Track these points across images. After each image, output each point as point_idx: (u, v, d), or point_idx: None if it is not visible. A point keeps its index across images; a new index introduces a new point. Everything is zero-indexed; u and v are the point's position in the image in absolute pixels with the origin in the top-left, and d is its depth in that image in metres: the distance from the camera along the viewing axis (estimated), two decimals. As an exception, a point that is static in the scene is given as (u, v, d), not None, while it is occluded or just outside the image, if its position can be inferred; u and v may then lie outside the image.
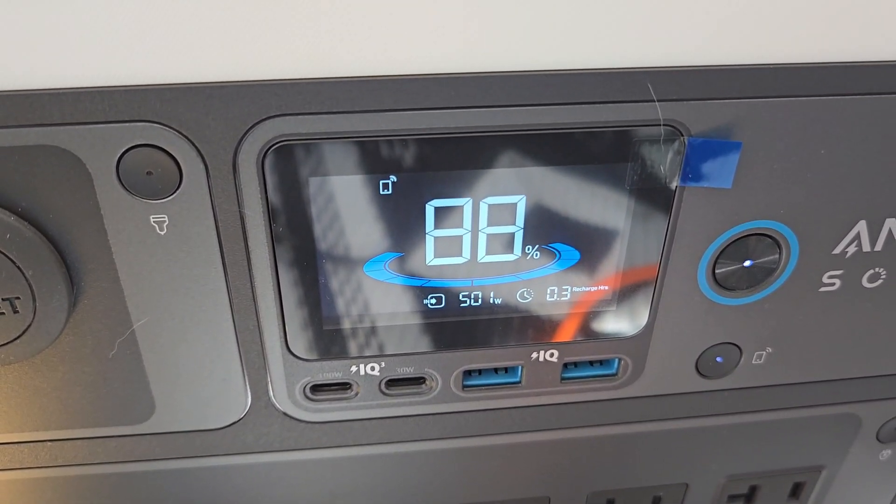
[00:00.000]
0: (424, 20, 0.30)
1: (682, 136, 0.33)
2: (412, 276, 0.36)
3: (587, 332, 0.39)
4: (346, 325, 0.37)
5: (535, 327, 0.39)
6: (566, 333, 0.39)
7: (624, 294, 0.38)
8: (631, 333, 0.39)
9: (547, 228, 0.36)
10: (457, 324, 0.38)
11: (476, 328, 0.38)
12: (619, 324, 0.39)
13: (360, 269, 0.36)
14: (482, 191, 0.34)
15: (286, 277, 0.35)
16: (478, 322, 0.38)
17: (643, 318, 0.39)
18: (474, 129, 0.32)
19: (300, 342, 0.37)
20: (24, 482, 0.41)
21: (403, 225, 0.35)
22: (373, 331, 0.38)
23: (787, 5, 0.31)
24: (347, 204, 0.34)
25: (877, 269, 0.39)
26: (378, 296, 0.37)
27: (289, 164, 0.32)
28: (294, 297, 0.36)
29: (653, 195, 0.35)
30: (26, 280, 0.33)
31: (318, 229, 0.34)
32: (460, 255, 0.36)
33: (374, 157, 0.32)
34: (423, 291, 0.37)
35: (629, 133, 0.33)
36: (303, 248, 0.34)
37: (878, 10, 0.32)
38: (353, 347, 0.38)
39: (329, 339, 0.37)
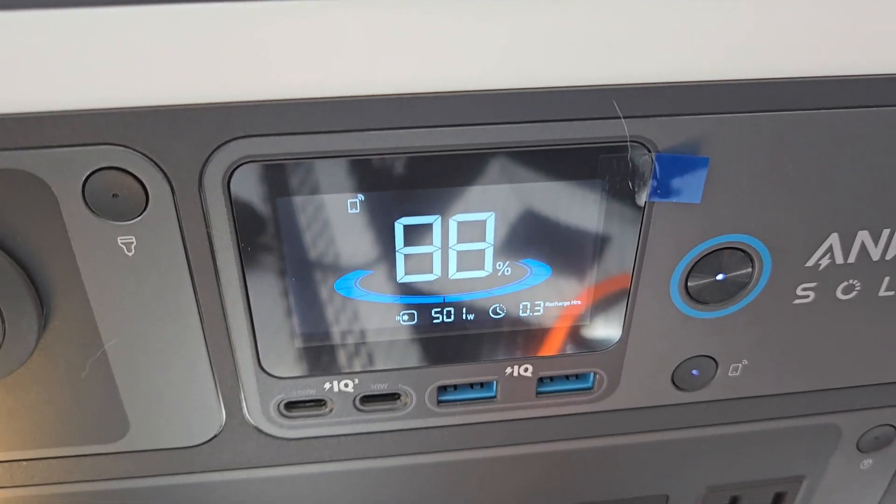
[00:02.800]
0: (389, 40, 0.30)
1: (650, 152, 0.33)
2: (383, 293, 0.36)
3: (561, 347, 0.39)
4: (319, 342, 0.37)
5: (508, 342, 0.39)
6: (540, 348, 0.39)
7: (597, 308, 0.38)
8: (605, 348, 0.39)
9: (517, 245, 0.36)
10: (430, 340, 0.38)
11: (449, 344, 0.38)
12: (593, 338, 0.39)
13: (331, 287, 0.36)
14: (451, 208, 0.34)
15: (256, 296, 0.35)
16: (451, 338, 0.38)
17: (617, 333, 0.39)
18: (441, 148, 0.32)
19: (273, 360, 0.37)
20: None
21: (373, 243, 0.35)
22: (345, 348, 0.38)
23: (751, 22, 0.31)
24: (316, 223, 0.34)
25: (851, 282, 0.39)
26: (350, 313, 0.37)
27: (255, 184, 0.32)
28: (265, 316, 0.36)
29: (623, 211, 0.35)
30: (-6, 303, 0.33)
31: (287, 248, 0.34)
32: (431, 271, 0.36)
33: (340, 176, 0.32)
34: (394, 308, 0.37)
35: (597, 150, 0.33)
36: (272, 268, 0.34)
37: (845, 27, 0.32)
38: (325, 364, 0.38)
39: (301, 356, 0.37)
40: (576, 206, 0.35)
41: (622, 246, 0.36)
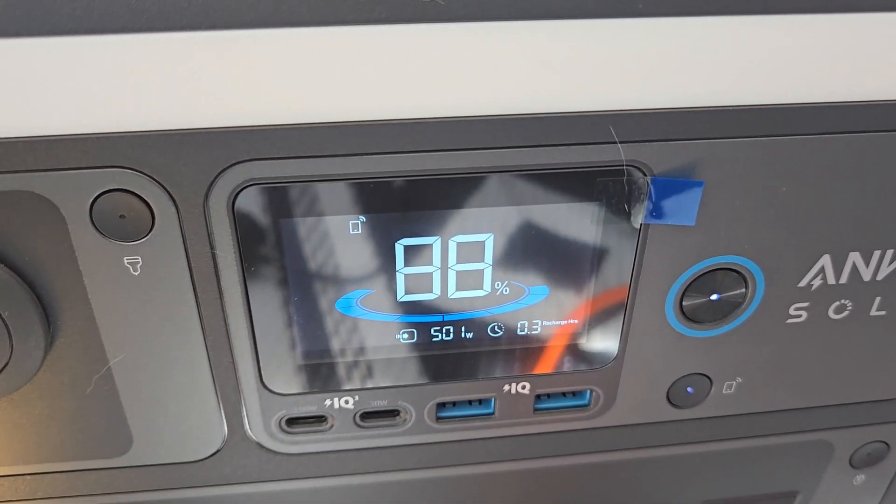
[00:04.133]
0: (390, 67, 0.31)
1: (646, 175, 0.34)
2: (384, 311, 0.37)
3: (558, 365, 0.40)
4: (320, 359, 0.38)
5: (506, 360, 0.39)
6: (538, 366, 0.40)
7: (593, 327, 0.39)
8: (602, 365, 0.40)
9: (516, 265, 0.36)
10: (429, 358, 0.39)
11: (448, 362, 0.39)
12: (589, 356, 0.40)
13: (332, 306, 0.36)
14: (451, 230, 0.35)
15: (259, 315, 0.36)
16: (450, 356, 0.39)
17: (613, 351, 0.40)
18: (442, 172, 0.33)
19: (274, 377, 0.38)
20: (4, 515, 0.42)
21: (374, 263, 0.35)
22: (346, 365, 0.38)
23: (745, 49, 0.32)
24: (318, 244, 0.34)
25: (842, 301, 0.40)
26: (350, 331, 0.37)
27: (259, 206, 0.33)
28: (267, 334, 0.36)
29: (619, 232, 0.36)
30: (2, 320, 0.33)
31: (289, 268, 0.35)
32: (431, 291, 0.37)
33: (342, 198, 0.33)
34: (395, 327, 0.37)
35: (594, 174, 0.34)
36: (275, 287, 0.35)
37: (837, 54, 0.32)
38: (326, 381, 0.39)
39: (303, 373, 0.38)
40: (573, 228, 0.35)
41: (618, 266, 0.37)
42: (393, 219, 0.34)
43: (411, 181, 0.33)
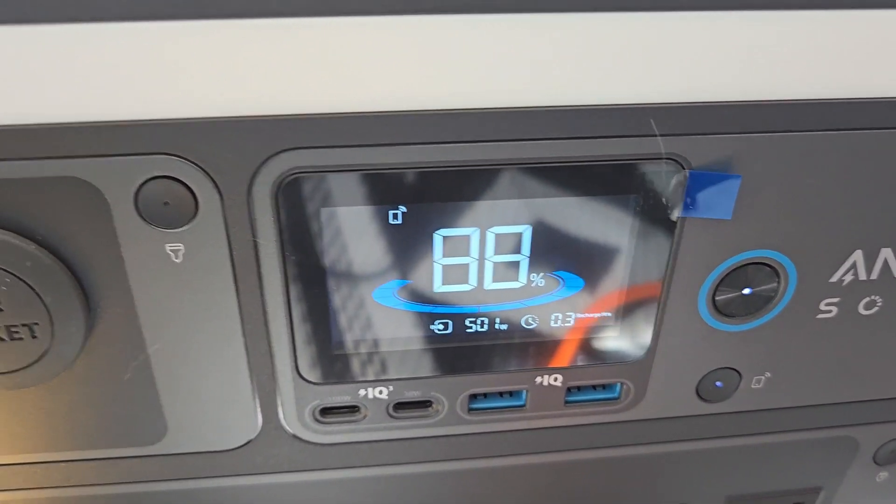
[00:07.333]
0: (435, 58, 0.31)
1: (684, 169, 0.34)
2: (420, 302, 0.37)
3: (590, 358, 0.40)
4: (356, 349, 0.38)
5: (539, 352, 0.39)
6: (570, 358, 0.40)
7: (626, 320, 0.39)
8: (633, 359, 0.40)
9: (552, 257, 0.37)
10: (463, 349, 0.39)
11: (482, 353, 0.39)
12: (621, 349, 0.40)
13: (369, 296, 0.37)
14: (489, 221, 0.35)
15: (297, 304, 0.36)
16: (484, 347, 0.39)
17: (645, 344, 0.40)
18: (483, 163, 0.33)
19: (310, 366, 0.38)
20: (37, 502, 0.42)
21: (412, 253, 0.36)
22: (381, 355, 0.39)
23: (784, 45, 0.32)
24: (358, 233, 0.35)
25: (873, 297, 0.40)
26: (386, 322, 0.38)
27: (302, 194, 0.33)
28: (305, 323, 0.37)
29: (655, 225, 0.36)
30: (45, 306, 0.34)
31: (329, 257, 0.35)
32: (467, 282, 0.37)
33: (384, 188, 0.33)
34: (430, 317, 0.38)
35: (632, 166, 0.34)
36: (314, 276, 0.35)
37: (873, 49, 0.33)
38: (361, 372, 0.39)
39: (338, 363, 0.38)
40: (609, 220, 0.36)
41: (653, 259, 0.37)
42: (433, 209, 0.34)
43: (453, 171, 0.33)
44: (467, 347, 0.39)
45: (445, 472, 0.44)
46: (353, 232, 0.35)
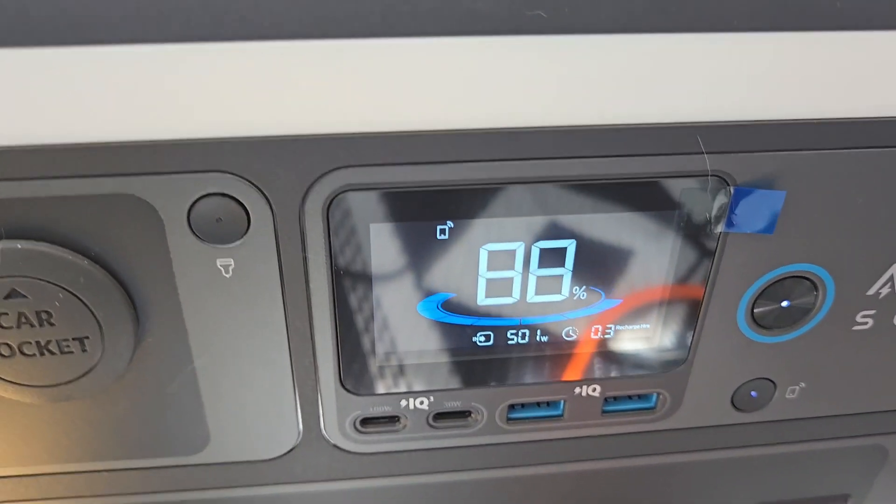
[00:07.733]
0: (484, 78, 0.31)
1: (729, 185, 0.35)
2: (463, 315, 0.38)
3: (628, 368, 0.41)
4: (399, 361, 0.38)
5: (578, 364, 0.40)
6: (609, 369, 0.40)
7: (665, 332, 0.39)
8: (671, 370, 0.41)
9: (594, 271, 0.37)
10: (504, 360, 0.39)
11: (522, 365, 0.40)
12: (660, 360, 0.40)
13: (413, 309, 0.37)
14: (534, 236, 0.35)
15: (344, 316, 0.36)
16: (524, 359, 0.39)
17: (683, 356, 0.40)
18: (530, 179, 0.34)
19: (354, 378, 0.39)
20: (80, 510, 0.43)
21: (457, 268, 0.36)
22: (423, 367, 0.39)
23: (828, 65, 0.32)
24: (406, 248, 0.35)
25: (908, 310, 0.40)
26: (430, 334, 0.38)
27: (352, 211, 0.33)
28: (350, 335, 0.37)
29: (697, 240, 0.36)
30: (96, 321, 0.34)
31: (376, 271, 0.35)
32: (510, 295, 0.37)
33: (433, 205, 0.34)
34: (472, 330, 0.38)
35: (677, 183, 0.34)
36: (361, 289, 0.36)
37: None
38: (403, 383, 0.39)
39: (381, 374, 0.39)
40: (653, 235, 0.36)
41: (695, 273, 0.37)
42: (480, 225, 0.35)
43: (500, 188, 0.34)
44: (508, 359, 0.39)
45: (483, 481, 0.45)
46: (401, 247, 0.35)
